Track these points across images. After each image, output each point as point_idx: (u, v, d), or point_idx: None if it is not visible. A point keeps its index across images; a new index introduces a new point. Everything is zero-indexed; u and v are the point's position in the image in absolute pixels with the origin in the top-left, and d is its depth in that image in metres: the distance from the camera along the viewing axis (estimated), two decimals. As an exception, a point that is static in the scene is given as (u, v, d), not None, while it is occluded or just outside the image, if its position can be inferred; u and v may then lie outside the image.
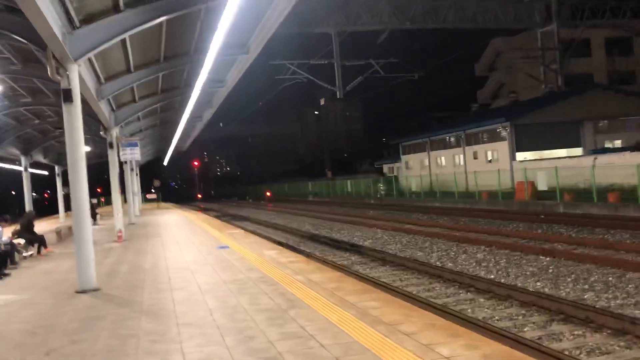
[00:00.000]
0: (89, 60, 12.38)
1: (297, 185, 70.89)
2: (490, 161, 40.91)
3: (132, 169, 31.28)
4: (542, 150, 38.74)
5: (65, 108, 8.96)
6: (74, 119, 9.00)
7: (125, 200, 30.51)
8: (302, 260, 10.98)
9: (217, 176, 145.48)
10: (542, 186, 27.72)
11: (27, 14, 7.28)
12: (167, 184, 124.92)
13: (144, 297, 8.09)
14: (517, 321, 8.24)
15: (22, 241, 14.04)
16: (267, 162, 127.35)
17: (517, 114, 40.62)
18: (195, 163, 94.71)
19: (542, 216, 21.21)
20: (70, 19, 9.02)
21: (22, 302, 8.37)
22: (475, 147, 43.03)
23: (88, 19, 9.50)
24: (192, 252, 13.14)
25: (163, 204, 54.64)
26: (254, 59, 16.28)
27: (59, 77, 8.81)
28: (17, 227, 14.98)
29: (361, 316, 6.08)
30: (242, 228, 24.34)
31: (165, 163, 66.24)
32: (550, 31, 50.76)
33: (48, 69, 8.72)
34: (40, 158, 30.11)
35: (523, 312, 8.68)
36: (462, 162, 44.26)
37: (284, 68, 40.93)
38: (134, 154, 20.24)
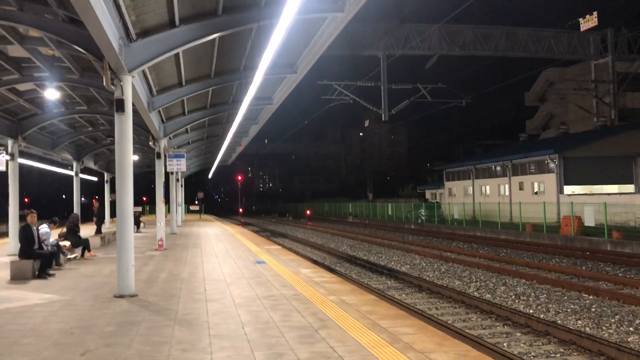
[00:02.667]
0: (143, 72, 12.81)
1: (337, 205, 70.90)
2: (536, 193, 39.95)
3: (177, 180, 31.97)
4: (592, 185, 37.61)
5: (117, 117, 9.27)
6: (124, 128, 9.29)
7: (168, 210, 31.17)
8: (337, 281, 10.94)
9: (259, 192, 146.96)
10: (589, 222, 26.84)
11: (87, 26, 7.60)
12: (210, 196, 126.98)
13: (179, 306, 8.21)
14: (554, 359, 7.98)
15: (67, 243, 14.50)
16: (309, 181, 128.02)
17: (566, 146, 39.66)
18: (239, 178, 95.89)
19: (588, 253, 20.53)
20: (127, 32, 9.39)
21: (63, 302, 8.62)
22: (522, 178, 42.14)
23: (144, 33, 9.87)
24: (229, 264, 13.28)
25: (205, 216, 55.48)
26: (301, 78, 16.50)
27: (113, 87, 9.15)
28: (63, 229, 15.49)
29: (392, 341, 6.00)
30: (280, 244, 24.47)
31: (209, 176, 67.46)
32: (605, 63, 49.55)
33: (104, 79, 9.06)
34: (91, 164, 31.11)
35: (562, 350, 8.40)
36: (507, 192, 43.37)
37: (331, 88, 41.22)
38: (180, 165, 20.67)
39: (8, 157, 16.55)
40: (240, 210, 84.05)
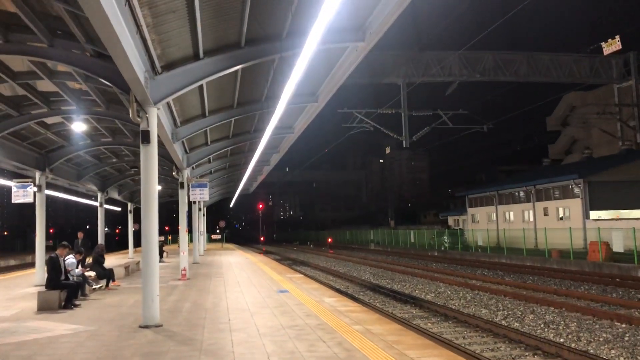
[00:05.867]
0: (167, 104, 13.04)
1: (358, 232, 70.52)
2: (561, 218, 39.33)
3: (199, 209, 32.15)
4: (619, 210, 36.91)
5: (142, 148, 9.42)
6: (149, 159, 9.42)
7: (191, 240, 31.33)
8: (362, 310, 10.81)
9: (280, 220, 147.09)
10: (617, 247, 26.26)
11: (115, 60, 7.80)
12: (232, 225, 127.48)
13: (204, 335, 8.18)
14: (588, 391, 7.74)
15: (92, 274, 14.62)
16: (330, 209, 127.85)
17: (591, 171, 39.12)
18: (260, 206, 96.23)
19: (617, 279, 20.03)
20: (152, 65, 9.60)
21: (89, 332, 8.65)
22: (546, 203, 41.57)
23: (169, 66, 10.08)
24: (252, 294, 13.23)
25: (226, 245, 55.59)
26: (322, 107, 16.62)
27: (139, 119, 9.32)
28: (89, 260, 15.63)
29: (421, 372, 5.88)
30: (302, 273, 24.33)
31: (231, 205, 67.82)
32: (629, 87, 49.07)
33: (130, 111, 9.25)
34: (115, 195, 31.52)
35: (595, 381, 8.14)
36: (531, 218, 42.78)
37: (351, 116, 41.41)
38: (202, 195, 20.82)
39: (35, 189, 16.86)
40: (262, 238, 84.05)
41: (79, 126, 14.73)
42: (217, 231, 62.03)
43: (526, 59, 44.47)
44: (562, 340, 10.90)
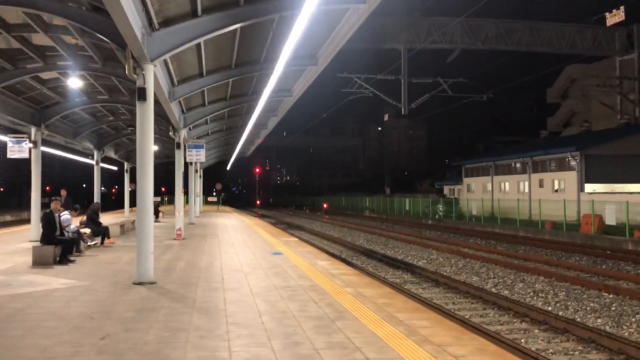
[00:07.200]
0: (165, 61, 12.88)
1: (354, 199, 70.81)
2: (556, 190, 39.49)
3: (196, 171, 32.14)
4: (614, 184, 37.05)
5: (138, 106, 9.34)
6: (145, 117, 9.36)
7: (187, 201, 31.40)
8: (354, 274, 10.94)
9: (276, 184, 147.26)
10: (610, 220, 26.46)
11: (111, 14, 7.66)
12: (228, 188, 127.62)
13: (197, 294, 8.28)
14: (573, 357, 7.91)
15: (88, 231, 14.69)
16: (327, 174, 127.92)
17: (588, 144, 39.12)
18: (257, 170, 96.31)
19: (608, 252, 20.25)
20: (150, 21, 9.44)
21: (83, 287, 8.74)
22: (542, 175, 41.68)
23: (167, 22, 9.92)
24: (246, 255, 13.35)
25: (223, 208, 55.79)
26: (321, 70, 16.45)
27: (135, 76, 9.21)
28: (84, 217, 15.69)
29: (409, 334, 5.98)
30: (297, 237, 24.52)
31: (228, 168, 67.77)
32: (631, 60, 48.67)
33: (126, 67, 9.13)
34: (112, 154, 31.41)
35: (580, 347, 8.31)
36: (526, 189, 42.96)
37: (351, 81, 41.06)
38: (199, 156, 20.78)
39: (31, 145, 16.77)
40: (258, 202, 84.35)
41: (75, 82, 14.54)
42: (214, 193, 62.11)
43: (529, 29, 43.98)
44: (550, 308, 11.08)
